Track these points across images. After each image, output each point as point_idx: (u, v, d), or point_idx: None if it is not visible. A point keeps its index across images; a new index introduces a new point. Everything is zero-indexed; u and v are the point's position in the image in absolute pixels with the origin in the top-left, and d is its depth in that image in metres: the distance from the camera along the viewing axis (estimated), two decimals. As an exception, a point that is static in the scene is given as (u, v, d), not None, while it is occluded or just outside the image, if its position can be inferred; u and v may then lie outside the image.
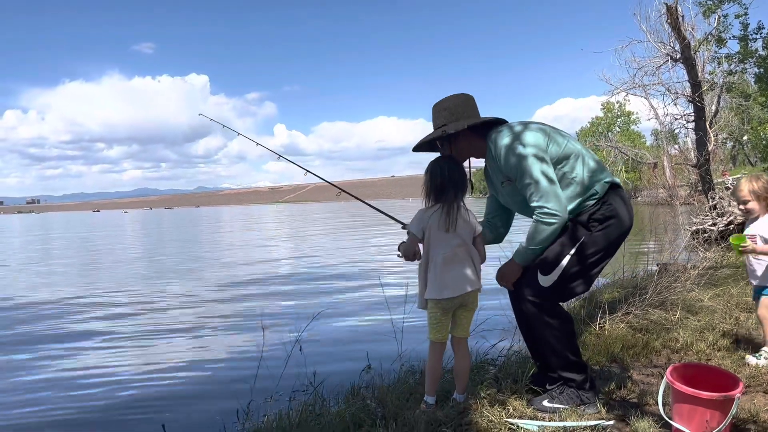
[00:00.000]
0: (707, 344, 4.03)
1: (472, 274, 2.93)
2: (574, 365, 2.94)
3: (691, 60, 12.07)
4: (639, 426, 2.62)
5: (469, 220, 2.95)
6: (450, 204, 2.89)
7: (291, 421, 3.37)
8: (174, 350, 6.67)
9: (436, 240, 2.89)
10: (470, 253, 2.95)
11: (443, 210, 2.88)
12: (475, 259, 2.98)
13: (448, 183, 2.90)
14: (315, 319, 4.43)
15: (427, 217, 2.90)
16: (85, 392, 5.34)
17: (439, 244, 2.88)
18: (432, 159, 3.02)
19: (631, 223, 2.96)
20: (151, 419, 4.39)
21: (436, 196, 2.91)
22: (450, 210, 2.88)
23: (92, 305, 9.96)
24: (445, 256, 2.86)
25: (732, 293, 5.58)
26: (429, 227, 2.89)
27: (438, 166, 2.94)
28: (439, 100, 3.13)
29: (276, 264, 16.25)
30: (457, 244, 2.90)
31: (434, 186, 2.91)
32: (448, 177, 2.90)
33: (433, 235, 2.89)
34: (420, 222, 2.92)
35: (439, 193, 2.91)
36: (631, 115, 79.33)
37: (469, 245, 2.95)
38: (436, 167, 2.94)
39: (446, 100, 3.08)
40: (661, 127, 15.61)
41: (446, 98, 3.10)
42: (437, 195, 2.91)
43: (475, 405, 2.97)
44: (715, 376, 2.68)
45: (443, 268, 2.86)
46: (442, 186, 2.90)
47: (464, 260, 2.92)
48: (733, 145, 51.59)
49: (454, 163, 2.97)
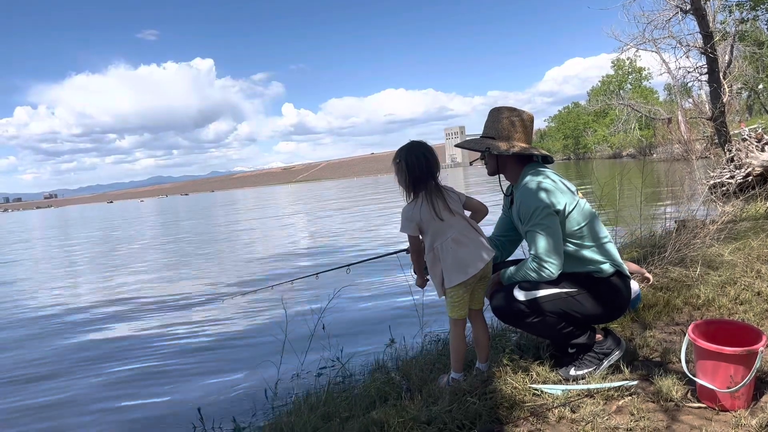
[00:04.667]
0: (729, 299, 4.00)
1: (484, 243, 2.94)
2: (573, 333, 2.94)
3: (702, 10, 11.78)
4: (663, 384, 2.63)
5: (453, 195, 2.94)
6: (433, 193, 2.87)
7: (318, 398, 3.43)
8: (197, 332, 6.80)
9: (437, 230, 2.87)
10: (473, 224, 2.96)
11: (429, 199, 2.85)
12: (477, 227, 2.98)
13: (426, 172, 2.88)
14: (336, 297, 4.47)
15: (418, 212, 2.87)
16: (113, 372, 5.53)
17: (442, 231, 2.87)
18: (401, 147, 2.97)
19: (619, 315, 3.12)
20: (178, 403, 4.51)
21: (416, 188, 2.89)
22: (437, 197, 2.86)
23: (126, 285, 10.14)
24: (453, 237, 2.86)
25: (753, 246, 5.52)
26: (422, 221, 2.87)
27: (413, 156, 2.89)
28: (503, 106, 3.07)
29: (294, 242, 16.37)
30: (459, 222, 2.89)
31: (413, 178, 2.88)
32: (425, 166, 2.87)
33: (432, 226, 2.87)
34: (410, 221, 2.89)
35: (418, 184, 2.88)
36: (642, 71, 78.02)
37: (467, 218, 2.95)
38: (411, 158, 2.89)
39: (509, 113, 3.01)
40: (674, 82, 15.36)
41: (509, 110, 3.03)
42: (416, 186, 2.89)
43: (499, 373, 2.99)
44: (738, 331, 2.67)
45: (457, 249, 2.86)
46: (421, 177, 2.87)
47: (471, 234, 2.91)
48: (749, 95, 50.56)
49: (426, 148, 2.94)
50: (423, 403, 2.77)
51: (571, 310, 2.85)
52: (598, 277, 2.89)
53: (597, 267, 2.88)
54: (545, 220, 2.77)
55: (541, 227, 2.78)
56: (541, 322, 2.87)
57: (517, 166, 3.01)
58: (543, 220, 2.77)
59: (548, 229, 2.77)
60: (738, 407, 2.41)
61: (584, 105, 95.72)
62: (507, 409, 2.61)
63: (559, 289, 2.84)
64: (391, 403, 2.94)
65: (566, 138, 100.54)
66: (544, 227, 2.77)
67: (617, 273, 2.92)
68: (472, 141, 3.07)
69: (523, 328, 3.10)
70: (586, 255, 2.87)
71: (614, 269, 2.90)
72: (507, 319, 3.04)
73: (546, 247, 2.77)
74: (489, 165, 3.10)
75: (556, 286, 2.84)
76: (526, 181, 2.89)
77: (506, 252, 3.34)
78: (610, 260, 2.90)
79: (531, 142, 3.04)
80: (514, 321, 3.01)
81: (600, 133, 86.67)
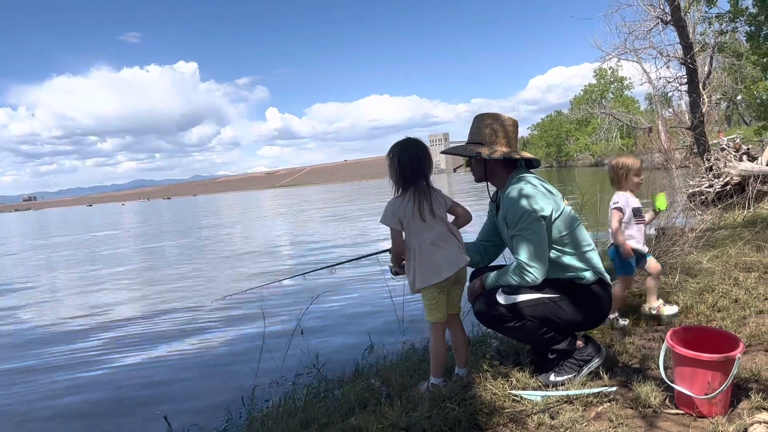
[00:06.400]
0: (707, 306, 4.03)
1: (460, 249, 2.95)
2: (554, 338, 2.94)
3: (682, 21, 11.96)
4: (641, 391, 2.63)
5: (439, 198, 2.93)
6: (422, 191, 2.86)
7: (296, 404, 3.39)
8: (174, 338, 6.67)
9: (417, 229, 2.86)
10: (452, 229, 2.95)
11: (416, 198, 2.84)
12: (457, 233, 2.98)
13: (417, 171, 2.86)
14: (315, 302, 4.43)
15: (402, 209, 2.85)
16: (85, 380, 5.38)
17: (421, 232, 2.86)
18: (396, 142, 2.96)
19: (600, 322, 3.15)
20: (153, 408, 4.36)
21: (405, 185, 2.87)
22: (424, 198, 2.85)
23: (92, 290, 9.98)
24: (432, 240, 2.86)
25: (730, 254, 5.58)
26: (405, 218, 2.85)
27: (407, 154, 2.88)
28: (487, 113, 3.09)
29: (274, 246, 16.27)
30: (439, 225, 2.89)
31: (404, 175, 2.86)
32: (417, 165, 2.86)
33: (413, 225, 2.86)
34: (395, 214, 2.88)
35: (408, 181, 2.86)
36: (624, 80, 78.98)
37: (448, 223, 2.95)
38: (404, 155, 2.88)
39: (493, 119, 3.02)
40: (655, 91, 15.56)
41: (494, 116, 3.05)
42: (405, 183, 2.87)
43: (479, 378, 2.98)
44: (716, 338, 2.68)
45: (433, 251, 2.85)
46: (411, 175, 2.86)
47: (449, 238, 2.91)
48: (728, 106, 51.43)
49: (420, 148, 2.93)
50: (402, 409, 2.74)
51: (552, 316, 2.85)
52: (580, 284, 2.89)
53: (578, 274, 2.88)
54: (531, 225, 2.78)
55: (527, 232, 2.78)
56: (522, 326, 2.86)
57: (504, 171, 3.02)
58: (529, 225, 2.78)
59: (534, 235, 2.77)
60: (715, 414, 2.42)
61: (567, 113, 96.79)
62: (486, 415, 2.60)
63: (541, 294, 2.84)
64: (370, 409, 2.91)
65: (549, 146, 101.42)
66: (530, 232, 2.78)
67: (599, 281, 2.93)
68: (460, 147, 3.10)
69: (505, 333, 3.10)
70: (567, 262, 2.87)
71: (596, 277, 2.91)
72: (489, 324, 3.04)
73: (530, 252, 2.77)
74: (476, 171, 3.10)
75: (538, 291, 2.84)
76: (514, 187, 2.89)
77: (489, 257, 3.34)
78: (591, 268, 2.90)
79: (515, 147, 3.05)
80: (495, 325, 3.00)
81: (582, 141, 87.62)
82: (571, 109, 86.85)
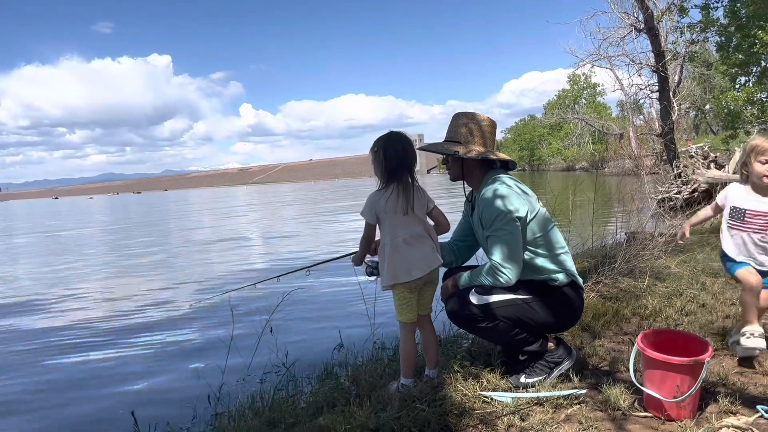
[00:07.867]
0: (675, 310, 4.08)
1: (434, 250, 2.92)
2: (526, 340, 2.92)
3: (655, 30, 12.16)
4: (611, 393, 2.63)
5: (421, 197, 2.90)
6: (405, 186, 2.83)
7: (264, 403, 3.33)
8: (141, 335, 6.54)
9: (394, 224, 2.83)
10: (428, 230, 2.93)
11: (398, 193, 2.81)
12: (433, 234, 2.95)
13: (402, 164, 2.83)
14: (285, 300, 4.36)
15: (383, 202, 2.82)
16: (52, 374, 5.26)
17: (397, 228, 2.83)
18: (381, 135, 2.92)
19: (572, 324, 3.10)
20: (119, 406, 4.28)
21: (389, 178, 2.83)
22: (407, 192, 2.82)
23: (63, 295, 9.73)
24: (405, 238, 2.83)
25: (698, 259, 5.68)
26: (384, 211, 2.82)
27: (392, 148, 2.84)
28: (465, 112, 3.07)
29: (244, 244, 16.09)
30: (416, 225, 2.86)
31: (389, 168, 2.82)
32: (402, 159, 2.83)
33: (390, 219, 2.83)
34: (373, 207, 2.84)
35: (393, 175, 2.83)
36: (597, 86, 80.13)
37: (425, 223, 2.92)
38: (389, 149, 2.84)
39: (470, 119, 3.01)
40: (626, 98, 15.78)
41: (471, 115, 3.03)
42: (390, 177, 2.83)
43: (449, 379, 2.95)
44: (685, 341, 2.70)
45: (406, 249, 2.83)
46: (396, 169, 2.82)
47: (425, 238, 2.89)
48: (696, 114, 52.56)
49: (406, 141, 2.89)
50: (372, 409, 2.70)
51: (524, 317, 2.83)
52: (552, 286, 2.89)
53: (551, 276, 2.88)
54: (507, 226, 2.76)
55: (502, 233, 2.76)
56: (494, 327, 2.84)
57: (480, 172, 3.00)
58: (504, 225, 2.76)
59: (509, 235, 2.75)
60: (684, 417, 2.43)
61: (540, 118, 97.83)
62: (456, 416, 2.57)
63: (513, 296, 2.82)
64: (339, 409, 2.86)
65: (522, 149, 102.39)
66: (505, 233, 2.76)
67: (571, 283, 2.93)
68: (437, 145, 3.07)
69: (477, 333, 3.07)
70: (539, 264, 2.86)
71: (569, 279, 2.91)
72: (461, 323, 3.01)
73: (505, 253, 2.75)
74: (452, 170, 3.07)
75: (511, 292, 2.82)
76: (489, 188, 2.87)
77: (462, 257, 3.32)
78: (564, 270, 2.90)
79: (492, 147, 3.03)
80: (468, 325, 2.98)
81: (554, 145, 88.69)
82: (545, 113, 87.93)
